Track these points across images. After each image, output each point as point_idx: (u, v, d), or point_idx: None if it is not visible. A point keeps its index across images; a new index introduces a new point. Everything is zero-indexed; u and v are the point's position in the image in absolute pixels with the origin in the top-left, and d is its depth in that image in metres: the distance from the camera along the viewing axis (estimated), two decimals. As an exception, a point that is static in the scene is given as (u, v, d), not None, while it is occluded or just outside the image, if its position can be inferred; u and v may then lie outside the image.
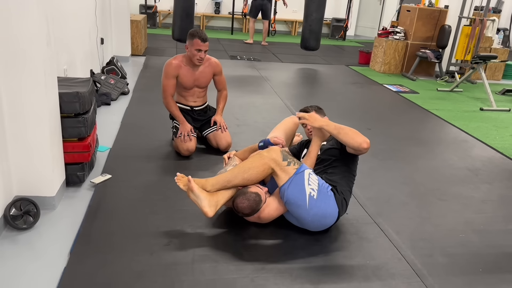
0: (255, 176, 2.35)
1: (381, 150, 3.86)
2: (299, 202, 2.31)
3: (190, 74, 3.37)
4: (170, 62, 3.33)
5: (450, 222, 2.75)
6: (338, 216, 2.43)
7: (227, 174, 2.39)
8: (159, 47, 8.10)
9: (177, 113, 3.38)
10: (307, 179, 2.32)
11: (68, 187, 2.75)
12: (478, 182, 3.37)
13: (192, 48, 3.23)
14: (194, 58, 3.25)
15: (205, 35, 3.23)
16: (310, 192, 2.30)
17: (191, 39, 3.22)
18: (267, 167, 2.32)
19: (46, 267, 2.06)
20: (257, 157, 2.38)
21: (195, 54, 3.24)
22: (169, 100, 3.37)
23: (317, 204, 2.31)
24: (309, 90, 6.23)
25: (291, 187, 2.31)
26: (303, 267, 2.18)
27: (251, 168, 2.34)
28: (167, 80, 3.33)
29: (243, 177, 2.35)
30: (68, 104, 2.62)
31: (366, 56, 8.21)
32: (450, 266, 2.30)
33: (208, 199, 2.31)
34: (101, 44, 5.37)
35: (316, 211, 2.33)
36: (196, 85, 3.44)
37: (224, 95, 3.61)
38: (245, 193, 2.34)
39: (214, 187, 2.36)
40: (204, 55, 3.27)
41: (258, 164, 2.34)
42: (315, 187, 2.32)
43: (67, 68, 3.75)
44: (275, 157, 2.33)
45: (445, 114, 5.22)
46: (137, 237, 2.32)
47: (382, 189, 3.12)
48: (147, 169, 3.11)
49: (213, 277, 2.06)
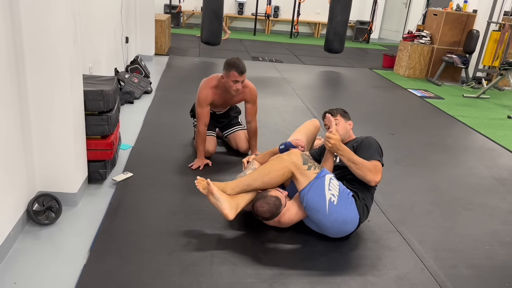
0: (275, 180, 2.33)
1: (405, 156, 3.78)
2: (319, 207, 2.27)
3: (222, 98, 3.24)
4: (205, 92, 3.14)
5: (476, 233, 2.66)
6: (359, 223, 2.38)
7: (247, 178, 2.37)
8: (183, 47, 8.16)
9: (201, 147, 3.19)
10: (327, 184, 2.28)
11: (90, 184, 2.78)
12: (504, 192, 3.27)
13: (228, 80, 3.03)
14: (230, 89, 3.07)
15: (243, 66, 3.03)
16: (330, 198, 2.26)
17: (228, 71, 3.02)
18: (287, 170, 2.29)
19: (66, 263, 2.07)
20: (277, 160, 2.35)
21: (231, 85, 3.04)
22: (202, 129, 3.16)
23: (337, 210, 2.27)
24: (332, 93, 6.17)
25: (311, 192, 2.27)
26: (322, 274, 2.14)
27: (270, 171, 2.32)
28: (201, 109, 3.15)
29: (262, 181, 2.33)
30: (92, 102, 2.65)
31: (390, 60, 8.09)
32: (474, 278, 2.23)
33: (229, 202, 2.30)
34: (126, 43, 5.43)
35: (336, 217, 2.28)
36: (226, 104, 3.39)
37: (254, 129, 3.34)
38: (265, 196, 2.32)
39: (233, 191, 2.34)
40: (241, 86, 3.07)
41: (278, 168, 2.31)
42: (336, 193, 2.28)
43: (92, 66, 3.80)
44: (295, 160, 2.29)
45: (471, 121, 5.09)
46: (156, 236, 2.32)
47: (405, 196, 3.05)
48: (168, 168, 3.12)
49: (231, 280, 2.04)
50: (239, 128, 3.53)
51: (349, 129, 2.66)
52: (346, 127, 2.64)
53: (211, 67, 6.83)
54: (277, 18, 11.68)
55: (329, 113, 2.65)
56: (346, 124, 2.64)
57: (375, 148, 2.42)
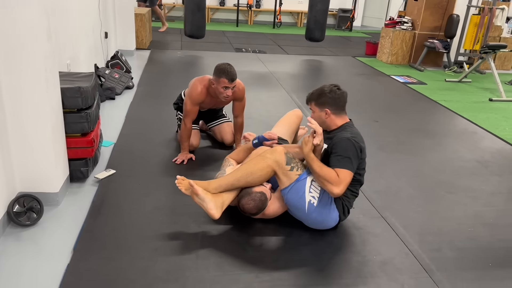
0: (258, 180, 2.30)
1: (389, 142, 3.81)
2: (299, 206, 2.29)
3: (212, 101, 3.19)
4: (198, 91, 3.06)
5: (459, 216, 2.70)
6: (339, 221, 2.38)
7: (230, 178, 2.33)
8: (164, 40, 8.07)
9: (185, 142, 3.16)
10: (308, 186, 2.26)
11: (72, 182, 2.74)
12: (487, 175, 3.31)
13: (218, 86, 2.95)
14: (220, 95, 3.00)
15: (234, 73, 2.93)
16: (310, 200, 2.26)
17: (218, 77, 2.93)
18: (270, 170, 2.27)
19: (49, 263, 2.04)
20: (260, 159, 2.30)
21: (222, 92, 2.96)
22: (190, 125, 3.11)
23: (316, 210, 2.28)
24: (315, 82, 6.15)
25: (291, 193, 2.28)
26: (308, 263, 2.15)
27: (253, 172, 2.28)
28: (191, 107, 3.08)
29: (246, 181, 2.30)
30: (70, 99, 2.60)
31: (373, 47, 8.11)
32: (458, 260, 2.26)
33: (214, 201, 2.28)
34: (105, 38, 5.34)
35: (316, 216, 2.30)
36: (214, 108, 3.36)
37: (240, 124, 3.32)
38: (250, 193, 2.30)
39: (217, 190, 2.32)
40: (231, 93, 2.99)
41: (261, 167, 2.27)
42: (316, 195, 2.26)
43: (70, 63, 3.73)
44: (278, 159, 2.25)
45: (453, 105, 5.13)
46: (141, 233, 2.30)
47: (389, 182, 3.07)
48: (151, 163, 3.09)
49: (217, 273, 2.03)
50: (224, 120, 3.51)
51: (325, 118, 2.35)
52: (321, 116, 2.35)
53: (194, 60, 6.77)
54: (260, 9, 11.61)
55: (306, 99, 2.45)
56: (321, 113, 2.35)
57: (344, 153, 2.19)
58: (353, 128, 2.36)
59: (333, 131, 2.37)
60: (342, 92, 2.37)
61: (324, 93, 2.35)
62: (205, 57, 6.90)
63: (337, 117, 2.35)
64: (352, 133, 2.29)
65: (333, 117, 2.34)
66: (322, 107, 2.34)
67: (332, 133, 2.36)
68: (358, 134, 2.32)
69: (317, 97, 2.36)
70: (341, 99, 2.35)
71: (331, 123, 2.36)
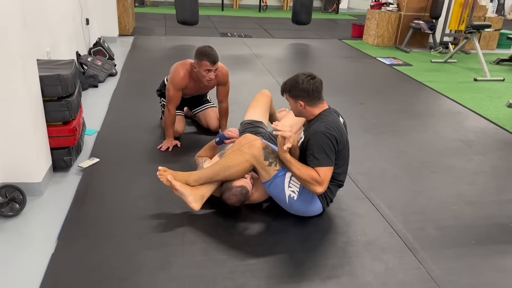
0: (236, 174, 2.28)
1: (374, 124, 3.82)
2: (280, 199, 2.30)
3: (195, 87, 3.15)
4: (181, 75, 3.01)
5: (443, 195, 2.73)
6: (323, 210, 2.39)
7: (209, 172, 2.32)
8: (148, 26, 7.94)
9: (170, 128, 3.13)
10: (287, 182, 2.25)
11: (55, 172, 2.71)
12: (471, 154, 3.35)
13: (200, 69, 2.91)
14: (203, 79, 2.95)
15: (216, 56, 2.89)
16: (290, 194, 2.26)
17: (199, 60, 2.88)
18: (248, 165, 2.24)
19: (33, 253, 2.03)
20: (238, 153, 2.25)
21: (204, 75, 2.92)
22: (174, 111, 3.09)
23: (297, 203, 2.28)
24: (302, 66, 6.13)
25: (271, 187, 2.28)
26: (294, 246, 2.16)
27: (231, 166, 2.25)
28: (174, 92, 3.03)
29: (224, 175, 2.29)
30: (50, 87, 2.55)
31: (359, 29, 8.08)
32: (442, 238, 2.29)
33: (193, 195, 2.28)
34: (87, 24, 5.23)
35: (298, 207, 2.31)
36: (198, 92, 3.31)
37: (225, 109, 3.31)
38: (231, 188, 2.29)
39: (197, 183, 2.32)
40: (213, 76, 2.95)
41: (239, 162, 2.24)
42: (296, 189, 2.25)
43: (50, 51, 3.65)
44: (256, 154, 2.22)
45: (438, 86, 5.16)
46: (126, 220, 2.29)
47: (374, 164, 3.09)
48: (135, 151, 3.06)
49: (203, 258, 2.04)
50: (209, 106, 3.48)
51: (301, 109, 2.26)
52: (297, 108, 2.27)
53: (179, 46, 6.68)
54: (245, -8, 11.47)
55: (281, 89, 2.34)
56: (296, 104, 2.26)
57: (319, 149, 2.14)
58: (329, 116, 2.24)
59: (311, 121, 2.30)
60: (316, 82, 2.23)
61: (297, 85, 2.22)
62: (190, 42, 6.82)
63: (313, 107, 2.25)
64: (327, 124, 2.18)
65: (308, 108, 2.25)
66: (295, 99, 2.25)
67: (310, 123, 2.30)
68: (334, 123, 2.21)
69: (289, 89, 2.26)
70: (314, 91, 2.22)
71: (308, 114, 2.28)
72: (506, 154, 3.39)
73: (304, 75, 2.25)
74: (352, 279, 1.96)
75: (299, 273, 1.98)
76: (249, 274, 1.95)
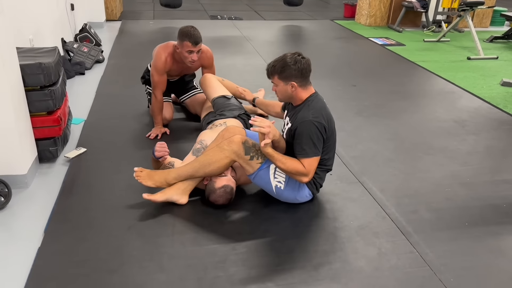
0: (217, 171, 2.23)
1: (366, 107, 3.77)
2: (267, 189, 2.27)
3: (179, 68, 3.10)
4: (162, 58, 2.95)
5: (436, 177, 2.70)
6: (313, 196, 2.35)
7: (188, 169, 2.26)
8: (136, 10, 7.78)
9: (158, 115, 3.07)
10: (272, 173, 2.20)
11: (41, 163, 2.65)
12: (464, 134, 3.31)
13: (183, 50, 2.85)
14: (186, 60, 2.90)
15: (198, 36, 2.83)
16: (277, 185, 2.22)
17: (181, 40, 2.82)
18: (228, 161, 2.19)
19: (20, 247, 1.99)
20: (217, 149, 2.19)
21: (186, 56, 2.87)
22: (160, 97, 3.02)
23: (285, 193, 2.25)
24: (293, 47, 6.01)
25: (256, 179, 2.24)
26: (286, 232, 2.13)
27: (211, 163, 2.19)
28: (158, 77, 2.98)
29: (205, 172, 2.24)
30: (31, 76, 2.47)
31: (351, 9, 7.96)
32: (435, 221, 2.27)
33: (176, 192, 2.26)
34: (72, 10, 5.10)
35: (287, 196, 2.27)
36: (183, 74, 3.25)
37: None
38: (214, 191, 2.25)
39: (176, 180, 2.28)
40: (196, 57, 2.89)
41: (219, 158, 2.18)
42: (282, 180, 2.21)
43: (33, 38, 3.54)
44: (236, 150, 2.16)
45: (431, 66, 5.10)
46: (114, 211, 2.24)
47: (366, 146, 3.05)
48: (123, 140, 3.00)
49: (193, 248, 2.00)
50: (196, 91, 3.41)
51: (291, 91, 2.17)
52: (287, 90, 2.17)
53: (167, 29, 6.55)
54: (235, -26, 11.22)
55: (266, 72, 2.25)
56: (286, 87, 2.16)
57: (306, 139, 2.10)
58: (317, 102, 2.17)
59: (298, 106, 2.21)
60: (307, 61, 2.16)
61: (288, 65, 2.12)
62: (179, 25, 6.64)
63: (303, 89, 2.17)
64: (315, 111, 2.12)
65: (299, 90, 2.16)
66: (287, 80, 2.15)
67: (297, 109, 2.21)
68: (321, 109, 2.15)
69: (280, 70, 2.14)
70: (306, 69, 2.15)
71: (296, 97, 2.19)
72: (500, 133, 3.36)
73: (293, 54, 2.17)
74: (344, 265, 1.94)
75: (290, 260, 1.95)
76: (240, 262, 1.92)
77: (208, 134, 2.60)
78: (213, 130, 2.65)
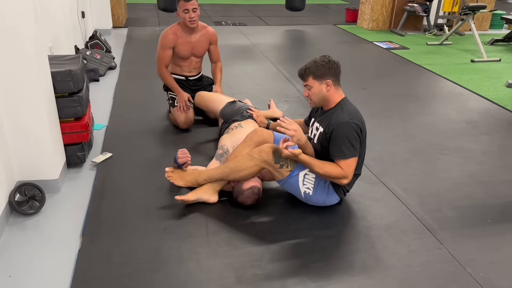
0: (247, 177, 2.30)
1: (379, 109, 3.85)
2: (296, 194, 2.34)
3: (187, 43, 3.28)
4: (167, 33, 3.24)
5: (455, 176, 2.78)
6: (341, 200, 2.39)
7: (218, 173, 2.34)
8: (140, 17, 7.84)
9: (172, 83, 3.30)
10: (301, 180, 2.25)
11: (69, 168, 2.70)
12: (477, 134, 3.40)
13: (180, 12, 3.14)
14: (186, 21, 3.15)
15: None
16: (305, 191, 2.27)
17: (177, 3, 3.14)
18: (258, 168, 2.25)
19: (59, 250, 2.03)
20: (248, 158, 2.25)
21: (185, 17, 3.13)
22: (164, 71, 3.29)
23: (313, 198, 2.30)
24: (299, 52, 6.12)
25: (285, 186, 2.31)
26: (316, 231, 2.19)
27: (241, 170, 2.26)
28: (163, 51, 3.25)
29: (235, 177, 2.31)
30: (61, 83, 2.53)
31: (353, 14, 8.07)
32: (459, 219, 2.34)
33: (206, 192, 2.35)
34: (82, 18, 5.16)
35: (315, 200, 2.33)
36: (193, 54, 3.36)
37: (220, 67, 3.51)
38: (242, 193, 2.31)
39: (206, 181, 2.37)
40: (194, 15, 3.13)
41: (249, 166, 2.24)
42: (311, 186, 2.26)
43: (52, 46, 3.60)
44: (266, 159, 2.21)
45: (437, 68, 5.20)
46: (147, 213, 2.30)
47: (384, 148, 3.12)
48: (146, 144, 3.05)
49: (229, 248, 2.06)
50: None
51: (326, 91, 2.18)
52: (322, 90, 2.18)
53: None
54: (235, -20, 11.32)
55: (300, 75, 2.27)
56: (321, 87, 2.18)
57: (344, 141, 2.12)
58: (350, 105, 2.23)
59: (329, 111, 2.23)
60: (337, 62, 2.23)
61: (322, 64, 2.17)
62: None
63: (336, 90, 2.21)
64: (349, 113, 2.17)
65: (333, 89, 2.19)
66: (322, 79, 2.17)
67: (328, 113, 2.23)
68: (355, 112, 2.20)
69: (315, 69, 2.17)
70: (339, 68, 2.23)
71: (330, 99, 2.21)
72: (511, 133, 3.45)
73: (323, 56, 2.23)
74: (377, 262, 2.00)
75: (324, 258, 2.01)
76: (276, 261, 1.98)
77: (227, 139, 2.69)
78: (231, 134, 2.73)
